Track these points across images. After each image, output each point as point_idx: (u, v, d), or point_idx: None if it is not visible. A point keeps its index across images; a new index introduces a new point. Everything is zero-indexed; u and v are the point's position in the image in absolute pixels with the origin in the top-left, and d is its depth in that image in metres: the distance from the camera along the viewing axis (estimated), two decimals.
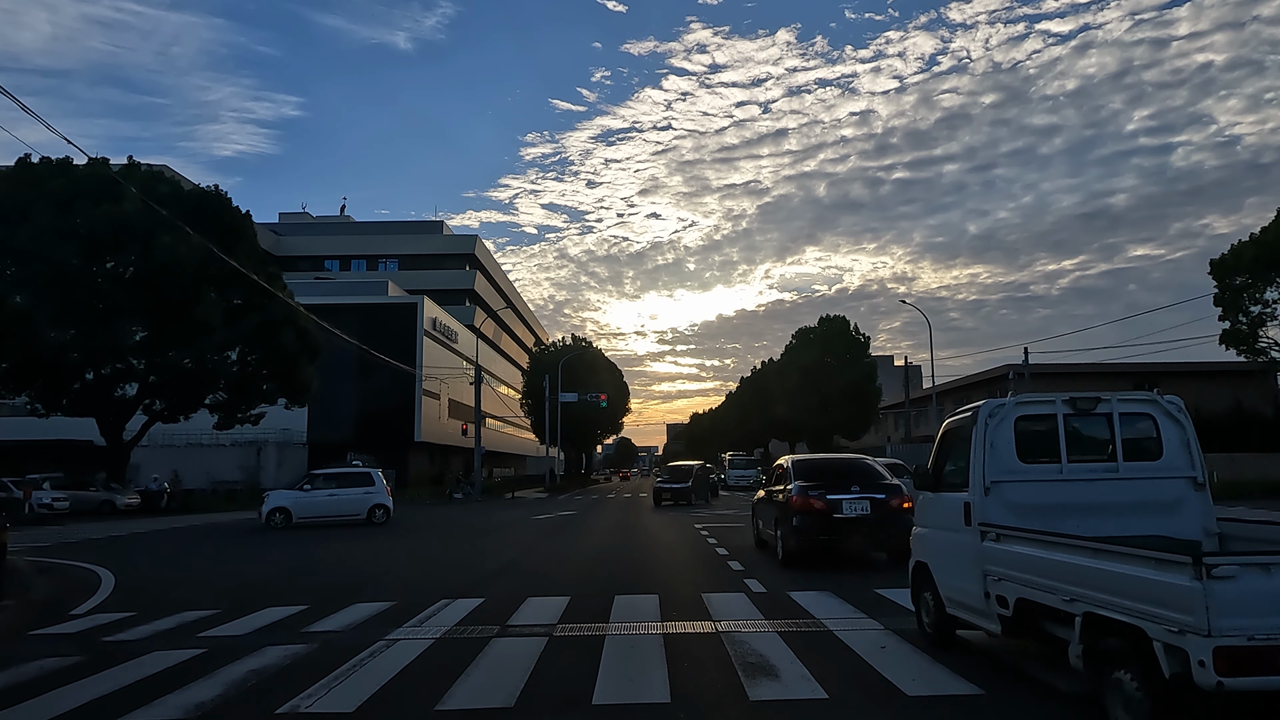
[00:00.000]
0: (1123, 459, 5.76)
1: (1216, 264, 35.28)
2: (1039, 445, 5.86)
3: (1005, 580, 5.19)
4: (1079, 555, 4.35)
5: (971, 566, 5.65)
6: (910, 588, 6.93)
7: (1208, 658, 3.39)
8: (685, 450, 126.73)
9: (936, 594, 6.32)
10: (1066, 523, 5.36)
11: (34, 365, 28.71)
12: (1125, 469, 5.74)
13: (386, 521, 23.83)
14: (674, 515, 25.46)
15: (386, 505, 24.28)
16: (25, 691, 5.68)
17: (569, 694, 5.32)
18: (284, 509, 22.87)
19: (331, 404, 44.80)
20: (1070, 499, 5.67)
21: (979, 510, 5.69)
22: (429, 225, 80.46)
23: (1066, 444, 5.81)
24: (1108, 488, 5.69)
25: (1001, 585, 5.24)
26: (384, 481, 24.93)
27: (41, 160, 28.56)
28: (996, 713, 4.79)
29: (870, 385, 55.31)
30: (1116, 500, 5.65)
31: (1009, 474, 5.72)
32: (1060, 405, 6.00)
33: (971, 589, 5.65)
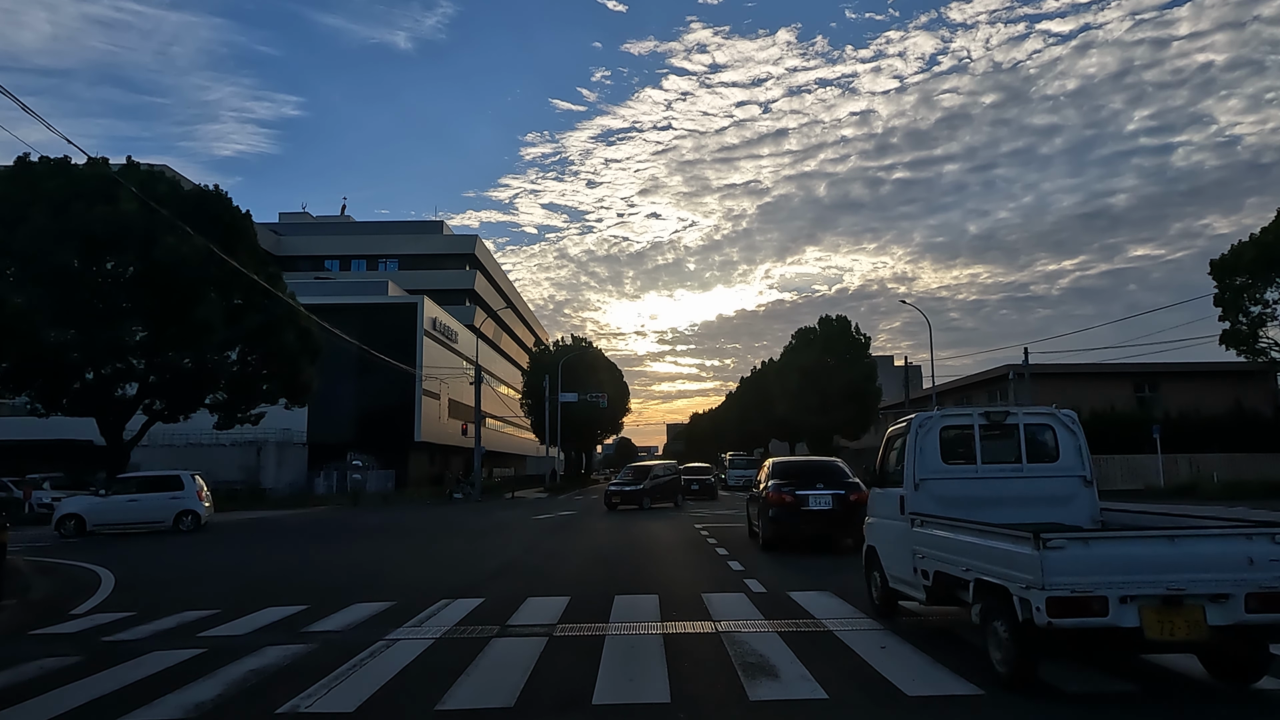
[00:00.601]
0: (1026, 461, 7.10)
1: (1216, 264, 35.30)
2: (959, 450, 7.21)
3: (927, 557, 6.43)
4: (971, 535, 5.68)
5: (905, 548, 6.90)
6: (864, 568, 8.23)
7: (1042, 605, 4.67)
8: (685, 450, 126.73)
9: (882, 572, 7.63)
10: (981, 512, 6.48)
11: (34, 365, 28.69)
12: (1028, 469, 7.09)
13: (196, 529, 22.11)
14: (674, 515, 25.46)
15: (196, 511, 22.40)
16: (25, 691, 5.68)
17: (569, 694, 5.32)
18: (76, 515, 21.44)
19: (331, 404, 44.78)
20: (984, 493, 6.98)
21: (910, 502, 6.97)
22: (429, 225, 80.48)
23: (981, 449, 7.14)
24: (1014, 484, 7.05)
25: (925, 561, 6.48)
26: (198, 485, 23.07)
27: (40, 160, 28.55)
28: (996, 713, 4.79)
29: (870, 385, 55.33)
30: (1021, 494, 7.00)
31: (935, 473, 7.05)
32: (976, 418, 7.33)
33: (905, 566, 6.90)
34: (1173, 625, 4.74)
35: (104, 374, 30.71)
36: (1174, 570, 4.78)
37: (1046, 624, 4.68)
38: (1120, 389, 44.10)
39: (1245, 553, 4.81)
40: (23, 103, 12.20)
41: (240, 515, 30.90)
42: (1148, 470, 36.40)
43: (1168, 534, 4.97)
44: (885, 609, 7.67)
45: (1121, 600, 4.71)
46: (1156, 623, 4.72)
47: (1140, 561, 4.78)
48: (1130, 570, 4.77)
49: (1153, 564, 4.80)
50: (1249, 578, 4.74)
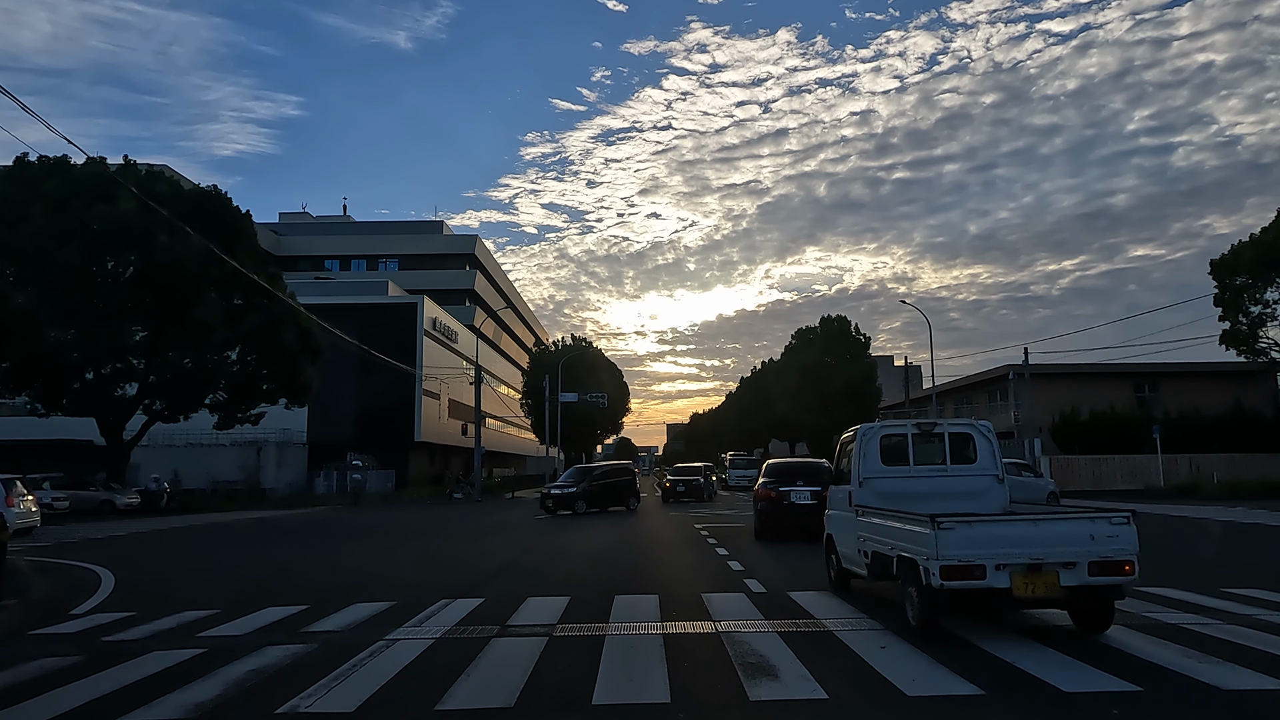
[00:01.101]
0: (950, 463, 8.78)
1: (1216, 264, 35.30)
2: (896, 454, 8.84)
3: (868, 540, 7.90)
4: (895, 522, 7.18)
5: (852, 534, 8.42)
6: (824, 552, 9.75)
7: (937, 571, 6.17)
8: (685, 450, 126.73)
9: (836, 554, 9.19)
10: (912, 504, 7.87)
11: (34, 365, 28.71)
12: (951, 470, 8.77)
13: None
14: (674, 515, 25.46)
15: None
16: (25, 691, 5.68)
17: (569, 694, 5.32)
18: None
19: (331, 404, 44.79)
20: (916, 489, 8.58)
21: (856, 496, 8.58)
22: (429, 225, 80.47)
23: (914, 453, 8.82)
24: (940, 482, 8.71)
25: (865, 544, 7.97)
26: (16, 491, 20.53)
27: (40, 160, 28.56)
28: (996, 713, 4.79)
29: (870, 385, 55.36)
30: (946, 490, 8.59)
31: (876, 473, 8.71)
32: (910, 428, 8.95)
33: (852, 548, 8.46)
34: (1034, 586, 6.26)
35: (104, 374, 30.73)
36: (1035, 545, 6.31)
37: (940, 585, 6.19)
38: (1120, 389, 44.10)
39: (1088, 532, 6.39)
40: (23, 103, 12.20)
41: (240, 515, 30.90)
42: (1148, 470, 36.39)
43: (1031, 518, 6.57)
44: (839, 585, 9.35)
45: (996, 567, 6.20)
46: (1023, 584, 6.25)
47: (1010, 538, 6.34)
48: (1002, 545, 6.29)
49: (1019, 540, 6.35)
50: (1091, 550, 6.30)
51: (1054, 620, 7.34)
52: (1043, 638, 6.63)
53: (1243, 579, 9.94)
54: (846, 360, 55.06)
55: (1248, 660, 5.83)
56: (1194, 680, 5.35)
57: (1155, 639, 6.56)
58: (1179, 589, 9.13)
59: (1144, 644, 6.39)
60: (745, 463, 54.02)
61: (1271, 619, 7.39)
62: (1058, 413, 42.34)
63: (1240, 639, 6.53)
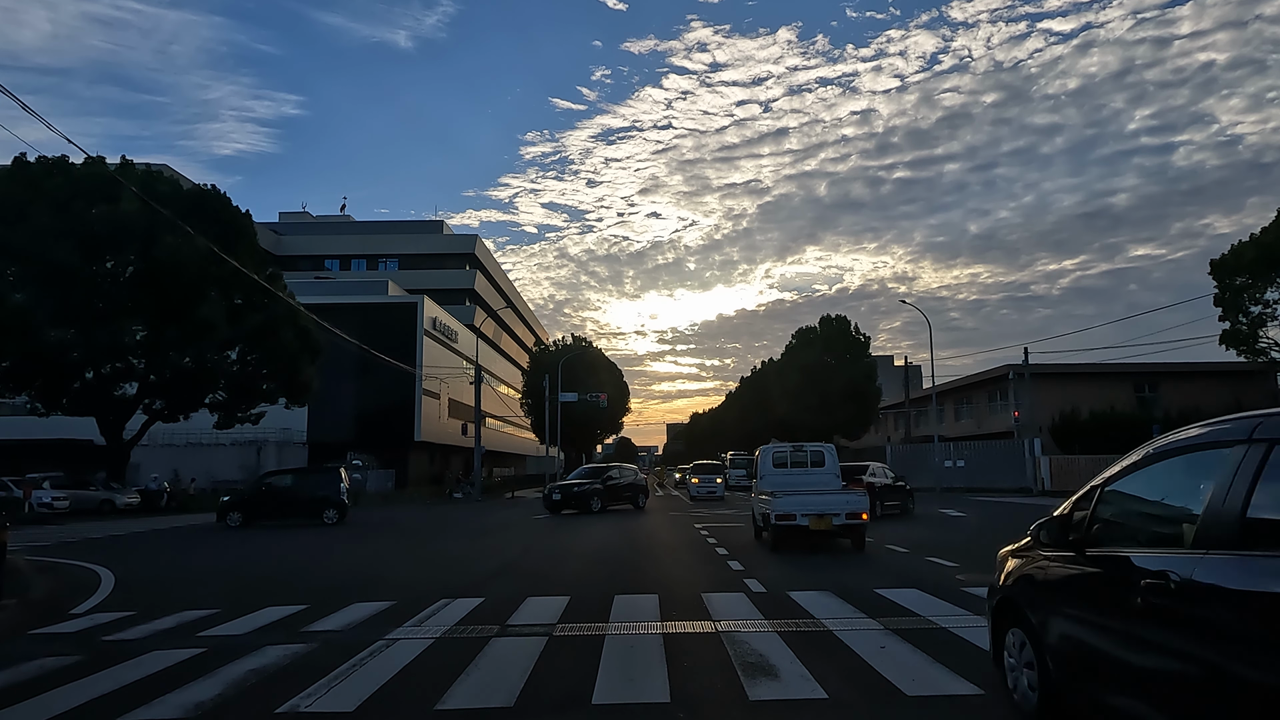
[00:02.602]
0: (810, 467, 15.86)
1: (1217, 264, 35.28)
2: (781, 462, 16.00)
3: (760, 512, 14.87)
4: (766, 498, 14.30)
5: (757, 508, 15.32)
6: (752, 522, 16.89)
7: (774, 517, 13.62)
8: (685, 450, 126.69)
9: (754, 521, 16.14)
10: (811, 497, 13.96)
11: (34, 364, 28.70)
12: (811, 472, 15.80)
13: None
14: (674, 515, 25.47)
15: None
16: (25, 691, 5.68)
17: (569, 694, 5.32)
18: None
19: (331, 404, 44.80)
20: (792, 483, 15.34)
21: (758, 486, 16.16)
22: (429, 225, 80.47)
23: (791, 461, 15.98)
24: (804, 478, 15.66)
25: (758, 510, 15.23)
26: None
27: (39, 159, 28.56)
28: (996, 713, 4.79)
29: (870, 385, 55.31)
30: (806, 483, 15.42)
31: (769, 473, 15.90)
32: (789, 448, 16.32)
33: (757, 515, 15.36)
34: (820, 523, 13.38)
35: (104, 373, 30.72)
36: (821, 506, 13.55)
37: (776, 523, 13.47)
38: (1120, 389, 44.11)
39: (846, 499, 13.73)
40: (23, 102, 12.20)
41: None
42: None
43: (820, 493, 14.22)
44: (756, 536, 16.10)
45: (802, 515, 13.36)
46: (815, 522, 13.33)
47: (809, 503, 13.60)
48: (805, 506, 13.50)
49: (813, 504, 13.57)
50: (846, 508, 13.56)
51: None
52: None
53: None
54: (846, 360, 55.01)
55: None
56: None
57: None
58: None
59: None
60: (745, 462, 54.05)
61: None
62: (1058, 413, 42.34)
63: None
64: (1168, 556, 3.32)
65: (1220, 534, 3.06)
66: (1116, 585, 3.65)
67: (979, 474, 40.37)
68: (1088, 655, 3.89)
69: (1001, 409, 46.89)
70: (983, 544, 15.09)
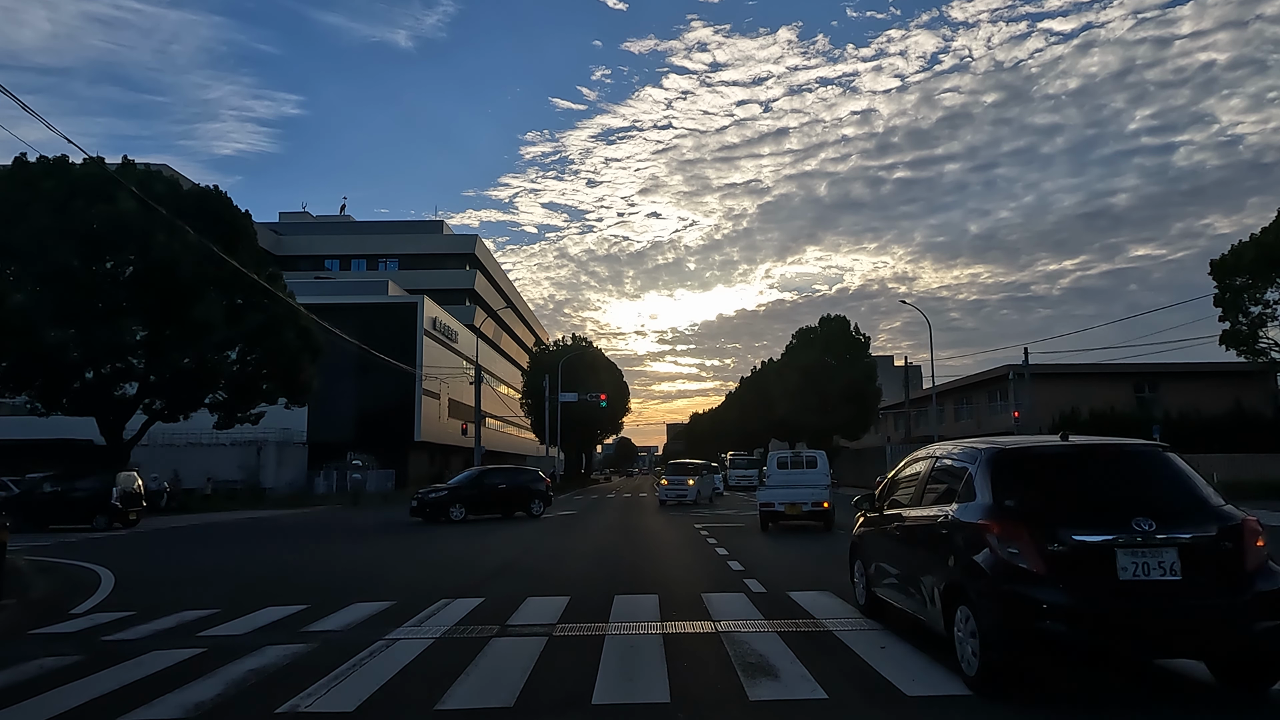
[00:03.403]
0: (805, 469, 21.33)
1: (1217, 264, 35.25)
2: (783, 463, 21.70)
3: (760, 501, 19.57)
4: (760, 491, 20.32)
5: (760, 496, 19.78)
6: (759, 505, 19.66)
7: (759, 505, 19.58)
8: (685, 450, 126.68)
9: (758, 509, 19.60)
10: (787, 489, 19.54)
11: (34, 364, 28.66)
12: (807, 473, 21.13)
13: None
14: (674, 515, 25.46)
15: None
16: (25, 691, 5.68)
17: (569, 694, 5.32)
18: None
19: (331, 404, 44.77)
20: (790, 482, 20.44)
21: (764, 481, 21.48)
22: (429, 225, 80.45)
23: (791, 463, 21.66)
24: (800, 476, 20.95)
25: (761, 500, 19.54)
26: None
27: (39, 159, 28.53)
28: (996, 713, 4.78)
29: (870, 385, 55.29)
30: (802, 481, 20.44)
31: (772, 473, 21.38)
32: (789, 454, 22.23)
33: (761, 504, 19.42)
34: (793, 509, 18.87)
35: (104, 373, 30.69)
36: (793, 495, 19.03)
37: (760, 509, 19.31)
38: (1120, 389, 44.08)
39: (812, 491, 19.19)
40: (22, 101, 12.20)
41: (240, 515, 30.90)
42: None
43: (794, 486, 19.67)
44: (763, 527, 19.43)
45: (779, 504, 18.96)
46: (788, 509, 18.88)
47: (784, 495, 19.06)
48: (781, 496, 19.08)
49: (787, 495, 19.05)
50: (813, 497, 18.96)
51: None
52: None
53: None
54: (846, 360, 55.00)
55: None
56: (1194, 680, 5.35)
57: None
58: None
59: None
60: (745, 463, 54.00)
61: None
62: (1058, 413, 42.29)
63: None
64: (906, 510, 6.72)
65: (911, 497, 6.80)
66: (888, 524, 7.05)
67: None
68: (878, 566, 7.32)
69: (1001, 409, 46.87)
70: None
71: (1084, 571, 4.79)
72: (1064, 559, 4.83)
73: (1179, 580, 4.74)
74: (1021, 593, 4.81)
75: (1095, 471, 5.44)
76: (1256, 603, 4.69)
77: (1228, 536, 4.91)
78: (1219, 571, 4.83)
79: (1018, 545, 4.95)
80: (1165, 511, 4.94)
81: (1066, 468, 5.49)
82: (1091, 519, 4.92)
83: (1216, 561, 4.85)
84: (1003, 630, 4.86)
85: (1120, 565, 4.76)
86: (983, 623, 5.01)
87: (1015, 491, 5.30)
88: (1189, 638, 4.72)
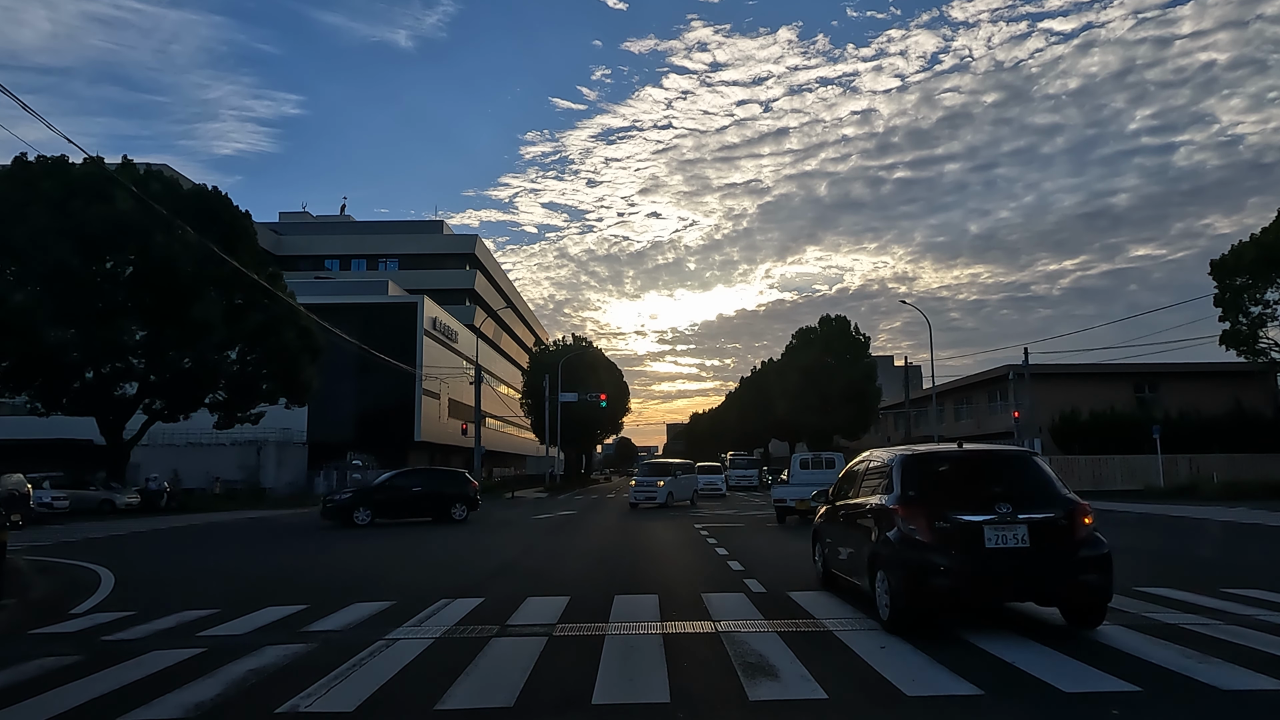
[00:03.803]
0: (824, 469, 22.77)
1: (1217, 264, 35.25)
2: (805, 464, 23.47)
3: (775, 498, 22.25)
4: (777, 486, 23.40)
5: (774, 493, 22.64)
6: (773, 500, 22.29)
7: (773, 501, 22.45)
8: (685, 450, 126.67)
9: (773, 504, 22.34)
10: (810, 487, 19.04)
11: (34, 364, 28.68)
12: (825, 472, 22.24)
13: None
14: (674, 515, 25.47)
15: None
16: (24, 690, 5.67)
17: (569, 694, 5.32)
18: None
19: (331, 404, 44.80)
20: (811, 480, 21.49)
21: (785, 481, 23.35)
22: (429, 225, 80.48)
23: (813, 464, 23.33)
24: (820, 475, 21.76)
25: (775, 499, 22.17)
26: None
27: (38, 159, 28.54)
28: (996, 713, 4.78)
29: (870, 385, 55.31)
30: (823, 481, 18.61)
31: (795, 473, 23.20)
32: (811, 455, 23.94)
33: (775, 500, 22.09)
34: (802, 504, 20.20)
35: (104, 373, 30.70)
36: (803, 493, 19.96)
37: (775, 505, 21.96)
38: (1120, 389, 44.09)
39: (812, 488, 16.72)
40: (22, 101, 12.20)
41: (240, 515, 30.90)
42: (1148, 471, 36.36)
43: (800, 485, 21.40)
44: (780, 520, 21.41)
45: (791, 499, 21.24)
46: (799, 504, 20.53)
47: (794, 492, 21.15)
48: (791, 494, 21.27)
49: (796, 492, 20.95)
50: (808, 493, 18.41)
51: (1053, 620, 7.34)
52: (1042, 638, 6.63)
53: (1242, 579, 9.94)
54: (846, 360, 55.02)
55: (1247, 660, 5.83)
56: (1193, 680, 5.35)
57: (1155, 639, 6.56)
58: (1179, 589, 9.13)
59: (1143, 644, 6.39)
60: (745, 462, 54.01)
61: (1271, 619, 7.38)
62: (1058, 413, 42.31)
63: (1240, 639, 6.53)
64: (849, 500, 8.52)
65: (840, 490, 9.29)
66: (839, 512, 8.79)
67: None
68: (830, 546, 9.20)
69: (1001, 409, 46.86)
70: None
71: (961, 542, 6.61)
72: (948, 533, 6.67)
73: (1028, 547, 6.59)
74: (918, 558, 6.66)
75: (975, 470, 7.36)
76: (1082, 562, 6.60)
77: (1064, 517, 6.74)
78: (1056, 541, 6.65)
79: (915, 524, 6.79)
80: (1021, 499, 6.77)
81: (955, 468, 7.44)
82: (968, 505, 6.74)
83: (1055, 534, 6.67)
84: (905, 586, 6.69)
85: (987, 537, 6.59)
86: (892, 581, 6.84)
87: (917, 485, 7.13)
88: (1034, 587, 6.70)
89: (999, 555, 6.54)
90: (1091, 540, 6.72)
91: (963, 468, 7.42)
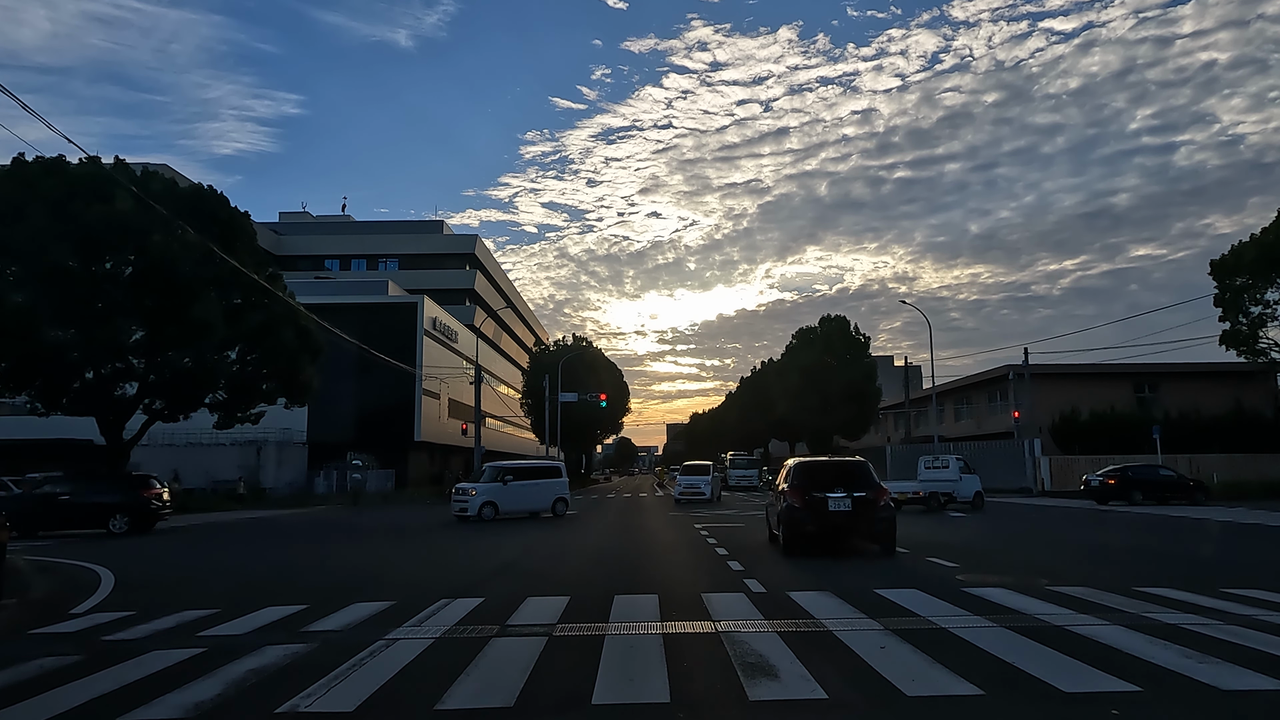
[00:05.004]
0: None
1: (1217, 265, 35.25)
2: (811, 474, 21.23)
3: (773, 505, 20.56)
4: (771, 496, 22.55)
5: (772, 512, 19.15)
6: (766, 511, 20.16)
7: None
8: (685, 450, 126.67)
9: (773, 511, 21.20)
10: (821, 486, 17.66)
11: (33, 364, 28.64)
12: None
13: None
14: (674, 515, 25.47)
15: None
16: (25, 690, 5.68)
17: (569, 694, 5.32)
18: None
19: (331, 404, 44.74)
20: None
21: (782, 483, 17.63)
22: (429, 225, 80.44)
23: None
24: None
25: None
26: None
27: (37, 159, 28.51)
28: (996, 713, 4.78)
29: (870, 385, 55.30)
30: None
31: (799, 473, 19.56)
32: (809, 458, 17.35)
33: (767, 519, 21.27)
34: None
35: (103, 373, 30.68)
36: None
37: None
38: (1120, 389, 44.09)
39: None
40: (22, 101, 12.20)
41: (240, 515, 30.90)
42: None
43: None
44: None
45: None
46: None
47: None
48: None
49: None
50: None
51: (1054, 620, 7.35)
52: (1043, 638, 6.64)
53: (1242, 579, 9.94)
54: (846, 360, 55.01)
55: (1247, 660, 5.83)
56: (1193, 680, 5.36)
57: (1155, 639, 6.56)
58: (1178, 589, 9.13)
59: (1143, 644, 6.39)
60: (745, 462, 54.00)
61: (1271, 619, 7.39)
62: (1058, 413, 42.32)
63: (1240, 639, 6.53)
64: (775, 486, 15.53)
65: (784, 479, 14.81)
66: (780, 495, 14.09)
67: (979, 475, 40.44)
68: (770, 516, 15.74)
69: (1001, 409, 46.87)
70: (983, 545, 15.09)
71: (817, 508, 12.94)
72: (811, 503, 12.99)
73: (851, 511, 12.88)
74: (796, 517, 13.09)
75: (830, 470, 13.70)
76: (880, 519, 13.02)
77: (872, 495, 12.99)
78: (866, 508, 12.90)
79: (795, 499, 13.16)
80: (851, 485, 13.06)
81: (819, 467, 13.86)
82: (822, 487, 13.06)
83: (866, 504, 12.91)
84: (788, 533, 13.25)
85: (830, 506, 12.89)
86: (783, 531, 13.40)
87: (799, 478, 13.47)
88: (855, 533, 13.27)
89: (837, 515, 12.83)
90: (886, 507, 13.05)
91: (825, 467, 13.89)
